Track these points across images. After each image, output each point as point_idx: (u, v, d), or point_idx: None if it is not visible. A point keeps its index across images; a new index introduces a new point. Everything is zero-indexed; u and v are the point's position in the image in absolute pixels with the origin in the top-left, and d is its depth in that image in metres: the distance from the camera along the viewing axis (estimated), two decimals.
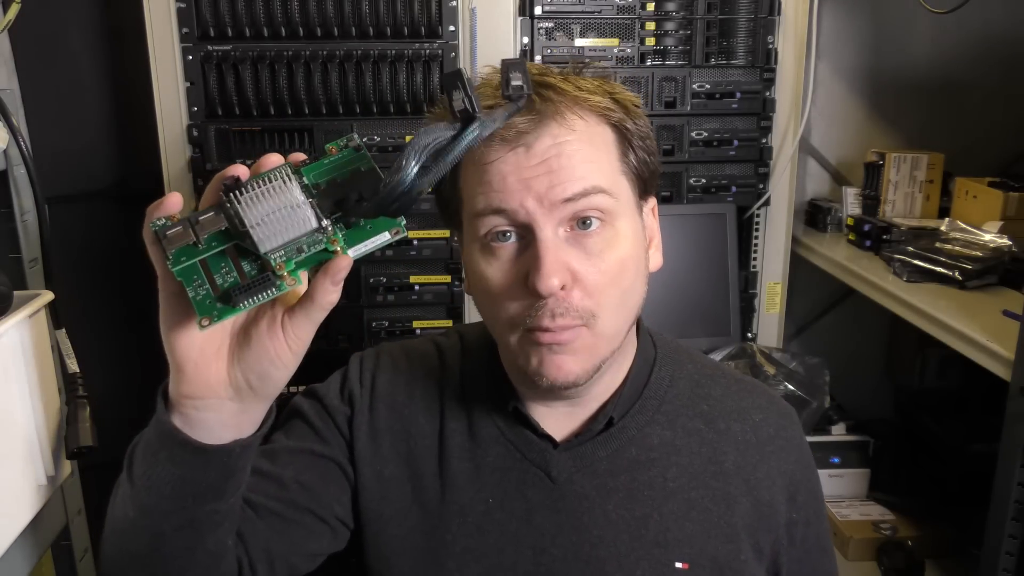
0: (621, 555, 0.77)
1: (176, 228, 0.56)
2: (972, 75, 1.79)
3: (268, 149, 1.37)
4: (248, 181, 0.56)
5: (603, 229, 0.72)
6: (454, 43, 1.39)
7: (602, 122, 0.74)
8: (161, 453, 0.61)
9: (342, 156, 0.59)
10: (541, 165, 0.70)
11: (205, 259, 0.56)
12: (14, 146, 0.97)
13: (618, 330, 0.75)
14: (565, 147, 0.71)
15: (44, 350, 0.91)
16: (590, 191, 0.70)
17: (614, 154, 0.75)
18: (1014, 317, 1.14)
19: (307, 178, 0.58)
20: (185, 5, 1.32)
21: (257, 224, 0.55)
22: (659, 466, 0.80)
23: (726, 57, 1.49)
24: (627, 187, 0.76)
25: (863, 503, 1.58)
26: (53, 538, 1.01)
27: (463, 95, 0.57)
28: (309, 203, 0.56)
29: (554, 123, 0.71)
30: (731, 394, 0.86)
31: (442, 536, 0.80)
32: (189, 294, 0.56)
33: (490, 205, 0.71)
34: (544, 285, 0.68)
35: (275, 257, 0.56)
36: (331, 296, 0.58)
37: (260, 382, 0.60)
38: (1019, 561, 1.05)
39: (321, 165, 0.58)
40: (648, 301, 0.81)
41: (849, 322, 1.91)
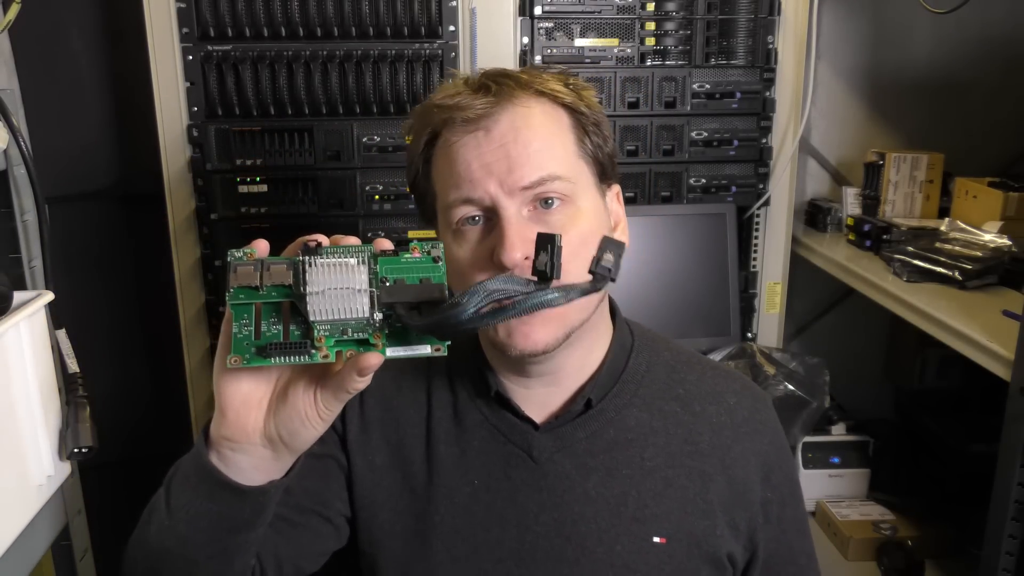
0: (601, 531, 0.81)
1: (247, 267, 0.59)
2: (972, 75, 1.79)
3: (268, 149, 1.39)
4: (326, 249, 0.59)
5: (564, 207, 0.77)
6: (454, 43, 1.39)
7: (555, 105, 0.79)
8: (201, 489, 0.65)
9: (419, 261, 0.61)
10: (500, 149, 0.75)
11: (260, 305, 0.59)
12: (14, 146, 0.97)
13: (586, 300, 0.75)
14: (521, 132, 0.76)
15: (44, 350, 0.91)
16: (547, 179, 0.76)
17: (570, 137, 0.80)
18: (1014, 317, 1.14)
19: (380, 269, 0.60)
20: (185, 5, 1.32)
21: (316, 293, 0.57)
22: (636, 446, 0.84)
23: (726, 57, 1.49)
24: (585, 170, 0.81)
25: (863, 503, 1.58)
26: (53, 538, 1.01)
27: (548, 259, 0.58)
28: (370, 292, 0.58)
29: (510, 104, 0.77)
30: (706, 379, 0.90)
31: (431, 518, 0.84)
32: (232, 329, 0.59)
33: (460, 195, 0.77)
34: (508, 257, 0.73)
35: (320, 329, 0.59)
36: (356, 385, 0.61)
37: (290, 437, 0.64)
38: (1019, 561, 1.05)
39: (397, 261, 0.60)
40: (648, 301, 0.82)
41: (849, 322, 1.91)
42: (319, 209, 1.42)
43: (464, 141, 0.76)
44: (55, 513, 1.01)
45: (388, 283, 0.59)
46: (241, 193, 1.40)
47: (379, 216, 1.43)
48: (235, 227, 1.41)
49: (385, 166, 1.42)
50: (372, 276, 0.59)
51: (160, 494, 0.69)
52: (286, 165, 1.40)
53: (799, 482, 0.93)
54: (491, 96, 0.76)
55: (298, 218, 1.42)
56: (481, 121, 0.76)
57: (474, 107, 0.76)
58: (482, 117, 0.76)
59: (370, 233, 1.43)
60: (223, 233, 1.41)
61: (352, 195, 1.42)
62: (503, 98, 0.76)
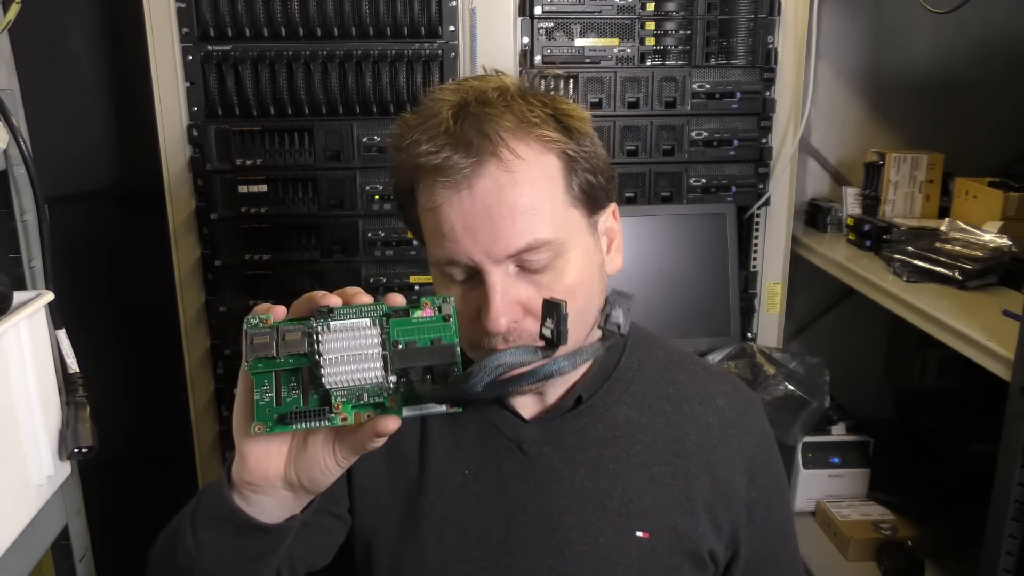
0: (586, 523, 0.83)
1: (263, 337, 0.60)
2: (972, 75, 1.78)
3: (268, 149, 1.39)
4: (338, 311, 0.60)
5: (552, 262, 0.75)
6: (454, 43, 1.39)
7: (545, 151, 0.75)
8: (226, 528, 0.67)
9: (429, 321, 0.61)
10: (483, 212, 0.72)
11: (278, 372, 0.61)
12: (14, 146, 0.97)
13: (576, 341, 0.77)
14: (506, 194, 0.72)
15: (44, 350, 0.91)
16: (533, 245, 0.73)
17: (559, 186, 0.76)
18: (1014, 317, 1.14)
19: (392, 331, 0.60)
20: (185, 5, 1.32)
21: (330, 361, 0.59)
22: (624, 443, 0.85)
23: (726, 57, 1.49)
24: (575, 216, 0.78)
25: (863, 503, 1.58)
26: (53, 538, 1.01)
27: (554, 327, 0.58)
28: (383, 356, 0.60)
29: (492, 163, 0.72)
30: (697, 380, 0.90)
31: (421, 506, 0.85)
32: (255, 396, 0.61)
33: (444, 255, 0.75)
34: (493, 326, 0.73)
35: (336, 395, 0.61)
36: (374, 444, 0.63)
37: (310, 483, 0.66)
38: (1019, 561, 1.05)
39: (409, 323, 0.61)
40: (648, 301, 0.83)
41: (849, 322, 1.91)
42: (319, 209, 1.42)
43: (449, 201, 0.73)
44: (55, 513, 1.01)
45: (400, 346, 0.60)
46: (241, 193, 1.40)
47: (379, 216, 1.43)
48: (235, 227, 1.41)
49: (385, 166, 1.42)
50: (384, 337, 0.60)
51: (185, 524, 0.71)
52: (286, 165, 1.40)
53: (786, 484, 0.94)
54: (472, 155, 0.72)
55: (298, 218, 1.42)
56: (463, 182, 0.72)
57: (458, 168, 0.72)
58: (465, 178, 0.72)
59: (370, 233, 1.43)
60: (223, 233, 1.41)
61: (352, 195, 1.42)
62: (486, 154, 0.72)
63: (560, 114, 0.77)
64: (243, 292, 1.43)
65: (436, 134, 0.74)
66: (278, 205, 1.41)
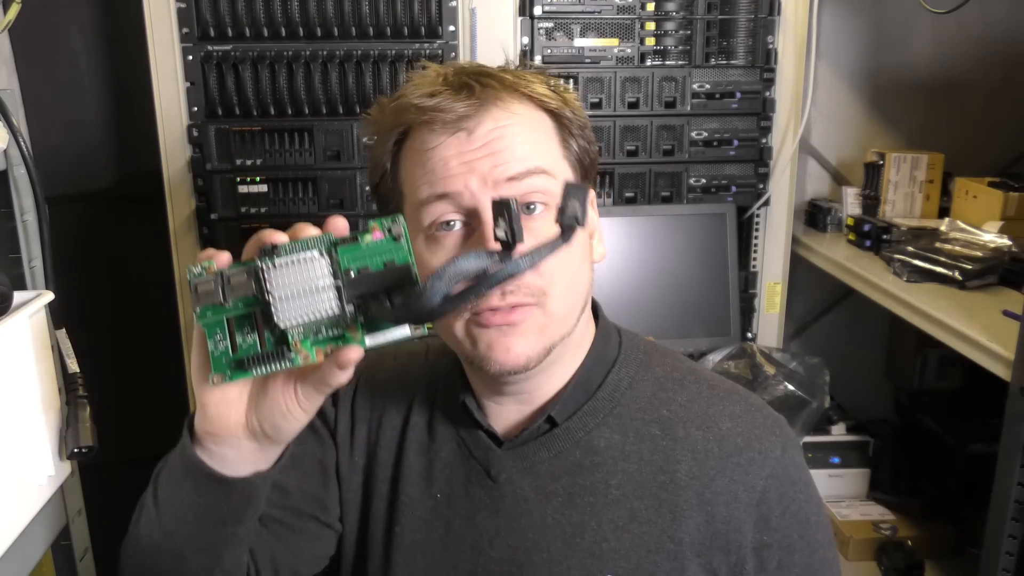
0: (553, 562, 0.75)
1: (207, 284, 0.57)
2: (972, 75, 1.78)
3: (268, 149, 1.39)
4: (283, 247, 0.57)
5: (546, 212, 0.72)
6: (454, 43, 1.39)
7: (541, 110, 0.75)
8: (186, 482, 0.64)
9: (380, 244, 0.58)
10: (483, 148, 0.71)
11: (230, 318, 0.58)
12: (14, 146, 0.97)
13: (568, 312, 0.74)
14: (506, 130, 0.71)
15: (44, 350, 0.91)
16: (533, 171, 0.71)
17: (555, 140, 0.76)
18: (1014, 317, 1.14)
19: (342, 259, 0.57)
20: (185, 5, 1.32)
21: (281, 298, 0.56)
22: (603, 471, 0.76)
23: (726, 57, 1.49)
24: (569, 172, 0.76)
25: (863, 503, 1.58)
26: (53, 538, 1.01)
27: (507, 225, 0.56)
28: (335, 287, 0.57)
29: (495, 107, 0.72)
30: (699, 400, 0.79)
31: (392, 527, 0.81)
32: (208, 347, 0.59)
33: (434, 191, 0.71)
34: (489, 247, 0.67)
35: (293, 333, 0.58)
36: (339, 379, 0.59)
37: (273, 430, 0.63)
38: (1019, 561, 1.05)
39: (357, 249, 0.58)
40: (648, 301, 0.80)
41: (849, 322, 1.91)
42: (319, 209, 1.42)
43: (445, 143, 0.71)
44: (55, 513, 1.01)
45: (353, 274, 0.57)
46: (241, 193, 1.40)
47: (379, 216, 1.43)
48: (235, 227, 1.41)
49: None
50: (335, 267, 0.57)
51: (148, 490, 0.69)
52: (286, 165, 1.40)
53: (819, 524, 0.78)
54: (474, 98, 0.71)
55: (298, 218, 1.41)
56: (463, 122, 0.71)
57: (456, 108, 0.70)
58: (464, 118, 0.71)
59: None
60: (223, 233, 1.41)
61: (352, 195, 1.42)
62: (487, 100, 0.71)
63: (553, 85, 0.77)
64: None
65: (433, 83, 0.73)
66: (278, 205, 1.41)
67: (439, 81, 0.73)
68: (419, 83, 0.74)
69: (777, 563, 0.75)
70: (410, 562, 0.79)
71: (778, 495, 0.76)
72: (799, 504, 0.77)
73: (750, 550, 0.75)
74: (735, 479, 0.75)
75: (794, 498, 0.77)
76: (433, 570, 0.79)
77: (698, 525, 0.74)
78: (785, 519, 0.76)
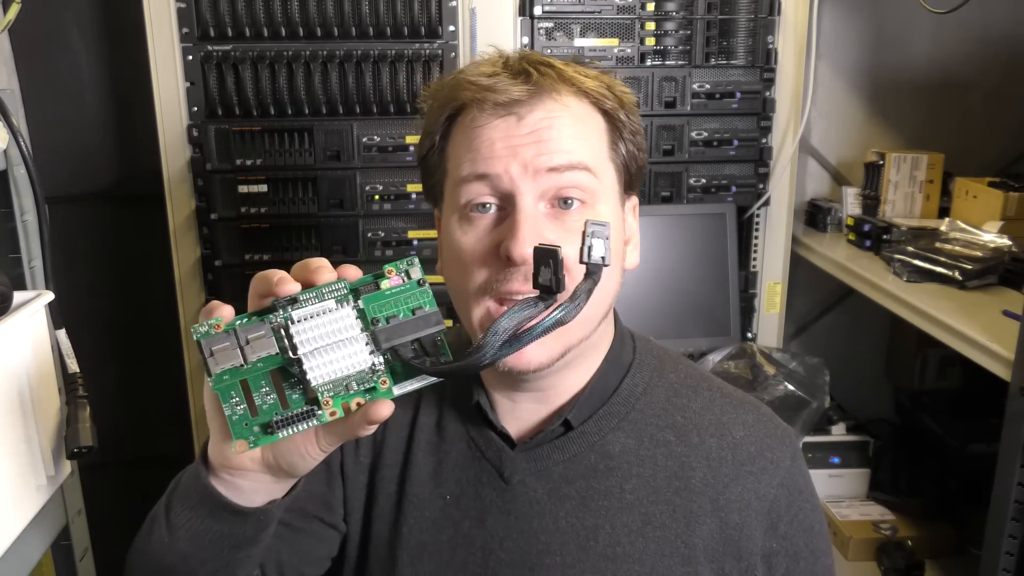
0: (566, 565, 0.75)
1: (223, 345, 0.54)
2: (972, 75, 1.78)
3: (268, 149, 1.39)
4: (301, 297, 0.54)
5: (583, 209, 0.72)
6: (454, 43, 1.39)
7: (595, 108, 0.75)
8: (201, 509, 0.64)
9: (404, 289, 0.56)
10: (531, 135, 0.70)
11: (245, 379, 0.55)
12: (14, 146, 0.97)
13: (590, 317, 0.73)
14: (556, 120, 0.71)
15: (44, 350, 0.91)
16: (576, 165, 0.71)
17: (604, 139, 0.75)
18: (1014, 317, 1.14)
19: (368, 309, 0.55)
20: (185, 5, 1.32)
21: (311, 355, 0.54)
22: (617, 476, 0.76)
23: (726, 57, 1.49)
24: (612, 175, 0.76)
25: (863, 503, 1.58)
26: (53, 538, 1.01)
27: (551, 274, 0.55)
28: (365, 337, 0.55)
29: (549, 98, 0.72)
30: (713, 407, 0.80)
31: (399, 528, 0.80)
32: (225, 411, 0.55)
33: (475, 170, 0.71)
34: (518, 250, 0.67)
35: (323, 391, 0.55)
36: (366, 431, 0.58)
37: (289, 467, 0.62)
38: (1019, 561, 1.05)
39: (381, 296, 0.55)
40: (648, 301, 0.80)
41: (849, 322, 1.91)
42: (319, 209, 1.42)
43: (493, 124, 0.71)
44: (55, 513, 1.01)
45: (382, 323, 0.55)
46: (241, 193, 1.40)
47: (379, 216, 1.43)
48: (235, 227, 1.41)
49: (385, 166, 1.42)
50: (362, 316, 0.55)
51: (160, 509, 0.68)
52: (286, 165, 1.40)
53: (822, 533, 0.80)
54: (531, 84, 0.71)
55: (298, 218, 1.42)
56: (515, 107, 0.71)
57: (510, 92, 0.70)
58: (517, 103, 0.71)
59: (370, 233, 1.43)
60: (223, 233, 1.41)
61: (352, 195, 1.42)
62: (543, 89, 0.71)
63: (613, 86, 0.77)
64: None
65: (494, 63, 0.73)
66: (278, 205, 1.41)
67: (500, 63, 0.74)
68: (481, 62, 0.75)
69: (784, 570, 0.77)
70: (416, 563, 0.79)
71: (787, 504, 0.77)
72: (806, 513, 0.79)
73: (759, 557, 0.76)
74: (748, 487, 0.76)
75: (801, 507, 0.78)
76: (440, 572, 0.78)
77: (711, 531, 0.75)
78: (793, 527, 0.77)
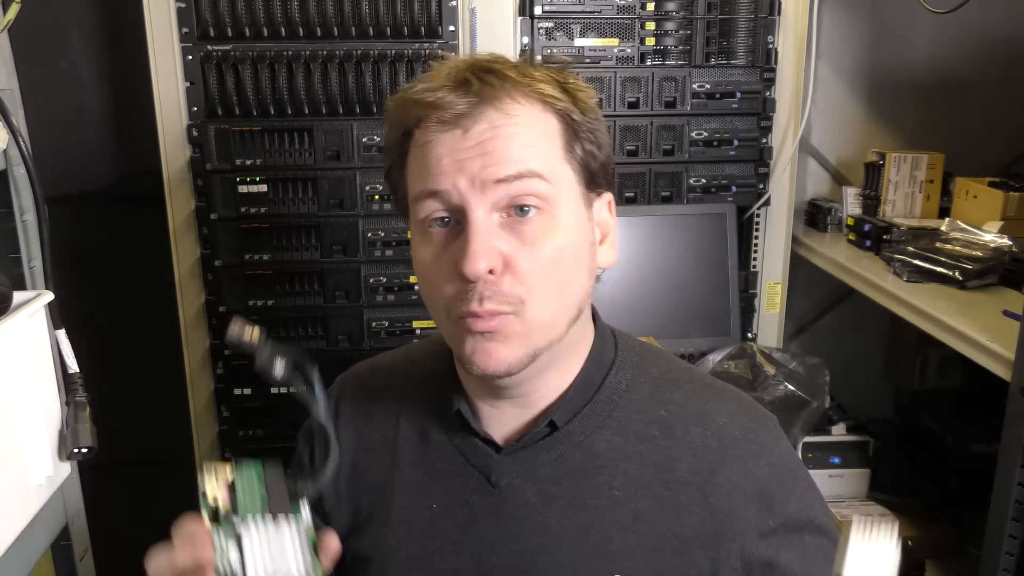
0: (560, 565, 0.75)
1: None
2: (972, 75, 1.78)
3: (268, 149, 1.39)
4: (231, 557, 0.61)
5: (541, 216, 0.71)
6: (454, 43, 1.39)
7: (546, 110, 0.73)
8: None
9: (247, 472, 0.64)
10: (476, 147, 0.70)
11: None
12: (14, 146, 0.97)
13: (552, 320, 0.73)
14: (502, 130, 0.70)
15: (44, 350, 0.91)
16: (525, 174, 0.70)
17: (557, 142, 0.73)
18: (1014, 317, 1.14)
19: (249, 518, 0.63)
20: (185, 5, 1.32)
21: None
22: (605, 473, 0.76)
23: (726, 57, 1.49)
24: (571, 176, 0.74)
25: (863, 503, 1.58)
26: (53, 538, 1.01)
27: None
28: None
29: (491, 108, 0.70)
30: (695, 399, 0.80)
31: (388, 542, 0.80)
32: None
33: (426, 188, 0.71)
34: (469, 268, 0.67)
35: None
36: None
37: None
38: (1019, 561, 1.05)
39: (245, 508, 0.63)
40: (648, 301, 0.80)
41: (849, 322, 1.90)
42: (319, 209, 1.42)
43: (440, 139, 0.70)
44: (55, 513, 1.01)
45: (269, 496, 0.63)
46: (241, 193, 1.40)
47: (379, 216, 1.43)
48: (235, 227, 1.41)
49: None
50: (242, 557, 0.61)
51: None
52: (286, 165, 1.40)
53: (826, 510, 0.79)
54: (472, 95, 0.70)
55: (298, 218, 1.42)
56: (460, 120, 0.70)
57: (453, 106, 0.69)
58: (461, 117, 0.70)
59: (370, 233, 1.43)
60: (223, 233, 1.41)
61: (352, 195, 1.42)
62: (486, 98, 0.70)
63: (566, 83, 0.75)
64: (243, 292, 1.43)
65: (437, 78, 0.72)
66: (278, 205, 1.41)
67: (444, 75, 0.72)
68: (427, 76, 0.73)
69: (789, 544, 0.75)
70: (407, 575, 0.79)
71: (779, 482, 0.77)
72: (801, 490, 0.78)
73: (757, 536, 0.75)
74: (735, 469, 0.76)
75: (796, 484, 0.78)
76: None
77: (701, 519, 0.75)
78: (790, 504, 0.76)
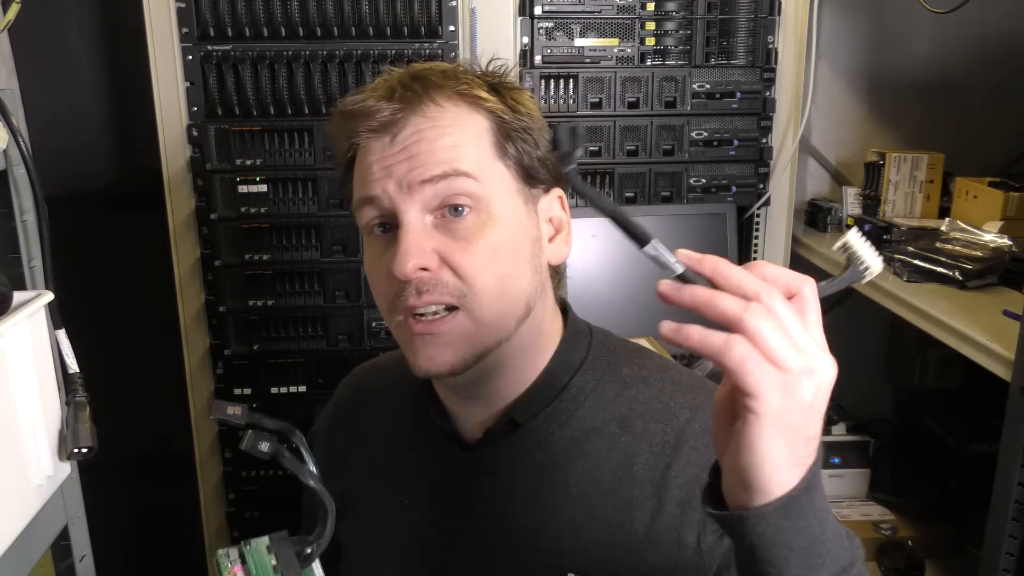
0: (514, 562, 0.76)
1: None
2: (972, 75, 1.78)
3: (268, 149, 1.39)
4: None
5: (474, 215, 0.71)
6: (454, 43, 1.39)
7: (474, 111, 0.74)
8: None
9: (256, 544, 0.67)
10: (402, 151, 0.71)
11: None
12: (14, 146, 0.97)
13: (500, 318, 0.72)
14: (427, 133, 0.71)
15: (44, 350, 0.91)
16: (451, 173, 0.70)
17: (486, 140, 0.73)
18: (1014, 317, 1.14)
19: None
20: (185, 5, 1.32)
21: None
22: (562, 471, 0.76)
23: (726, 57, 1.49)
24: (504, 174, 0.74)
25: (863, 503, 1.58)
26: (53, 538, 1.01)
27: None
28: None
29: (417, 113, 0.72)
30: (661, 396, 0.79)
31: (364, 534, 0.83)
32: None
33: (362, 195, 0.73)
34: (398, 268, 0.68)
35: None
36: None
37: None
38: (1019, 561, 1.05)
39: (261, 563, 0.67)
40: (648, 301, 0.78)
41: (849, 322, 1.90)
42: (319, 209, 1.42)
43: (371, 147, 0.72)
44: (55, 513, 1.01)
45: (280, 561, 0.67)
46: (241, 193, 1.40)
47: None
48: (235, 227, 1.41)
49: None
50: None
51: None
52: (286, 165, 1.40)
53: None
54: (396, 102, 0.72)
55: (298, 218, 1.42)
56: (388, 128, 0.72)
57: (380, 114, 0.71)
58: (388, 124, 0.71)
59: None
60: (223, 233, 1.41)
61: None
62: (409, 104, 0.72)
63: (499, 84, 0.76)
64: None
65: (371, 89, 0.75)
66: (278, 205, 1.41)
67: (378, 85, 0.75)
68: (363, 88, 0.76)
69: None
70: (378, 569, 0.82)
71: None
72: None
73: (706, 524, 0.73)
74: (691, 461, 0.74)
75: None
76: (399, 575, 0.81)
77: (653, 514, 0.73)
78: None
